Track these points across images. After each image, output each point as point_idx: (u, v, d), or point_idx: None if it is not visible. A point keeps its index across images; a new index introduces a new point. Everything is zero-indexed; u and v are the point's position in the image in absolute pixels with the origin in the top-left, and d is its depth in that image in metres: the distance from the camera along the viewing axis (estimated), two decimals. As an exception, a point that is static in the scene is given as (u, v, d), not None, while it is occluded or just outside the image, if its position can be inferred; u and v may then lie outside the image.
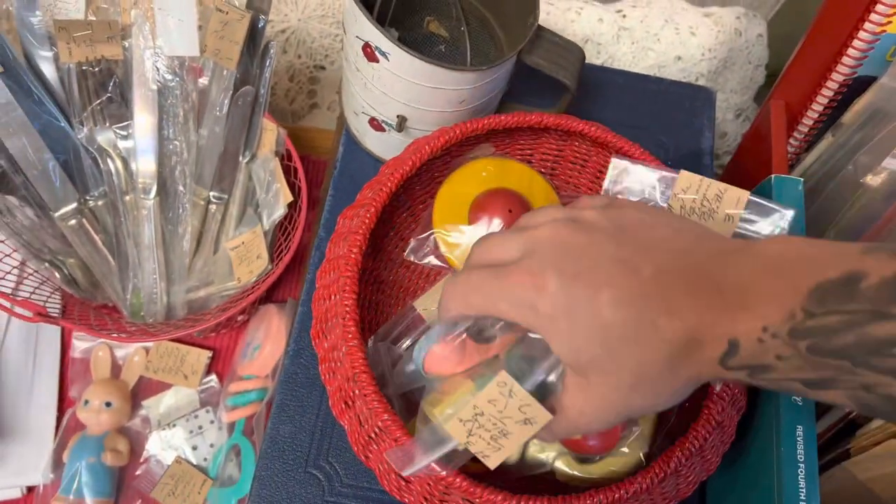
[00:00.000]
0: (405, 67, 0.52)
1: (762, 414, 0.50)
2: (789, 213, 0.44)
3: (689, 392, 0.36)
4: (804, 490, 0.47)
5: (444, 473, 0.42)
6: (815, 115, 0.62)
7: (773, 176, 0.55)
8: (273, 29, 0.85)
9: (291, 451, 0.56)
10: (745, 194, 0.44)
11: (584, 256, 0.34)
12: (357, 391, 0.47)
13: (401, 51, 0.50)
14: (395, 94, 0.55)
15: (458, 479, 0.44)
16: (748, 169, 0.67)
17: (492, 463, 0.39)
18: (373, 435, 0.48)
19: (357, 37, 0.53)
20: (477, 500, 0.44)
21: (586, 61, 0.57)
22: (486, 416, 0.38)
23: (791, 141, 0.65)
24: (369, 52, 0.53)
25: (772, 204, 0.44)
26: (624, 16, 0.86)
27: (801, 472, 0.47)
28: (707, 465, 0.49)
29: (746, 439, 0.52)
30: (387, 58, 0.52)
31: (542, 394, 0.38)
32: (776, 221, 0.44)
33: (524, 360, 0.39)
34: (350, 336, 0.47)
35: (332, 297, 0.49)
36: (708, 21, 0.85)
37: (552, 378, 0.38)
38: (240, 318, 0.71)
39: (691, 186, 0.46)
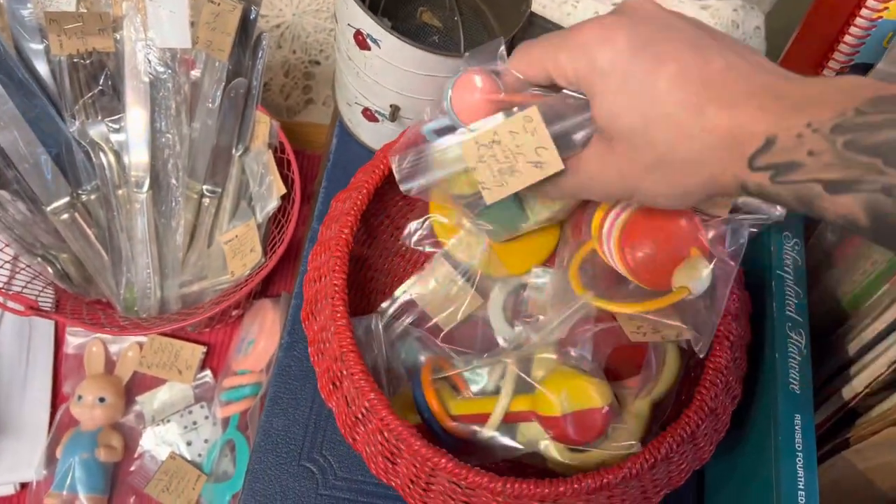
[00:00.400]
0: (397, 54, 0.51)
1: (760, 403, 0.50)
2: None
3: (699, 199, 0.35)
4: (803, 479, 0.46)
5: None
6: (812, 104, 0.62)
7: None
8: (268, 24, 0.84)
9: (285, 445, 0.56)
10: None
11: (663, 28, 0.34)
12: (345, 371, 0.46)
13: (392, 37, 0.50)
14: (388, 83, 0.55)
15: (443, 461, 0.43)
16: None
17: (490, 197, 0.38)
18: (360, 415, 0.47)
19: (349, 25, 0.52)
20: (463, 482, 0.44)
21: None
22: (501, 146, 0.37)
23: (789, 130, 0.65)
24: (361, 40, 0.52)
25: None
26: (620, 9, 0.85)
27: (800, 461, 0.47)
28: (700, 453, 0.49)
29: (744, 429, 0.51)
30: (378, 45, 0.51)
31: (562, 147, 0.37)
32: None
33: (555, 110, 0.37)
34: (338, 315, 0.46)
35: (323, 278, 0.49)
36: (705, 14, 0.85)
37: (577, 136, 0.37)
38: (234, 312, 0.70)
39: None
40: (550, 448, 0.48)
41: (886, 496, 0.52)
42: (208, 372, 0.71)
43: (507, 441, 0.49)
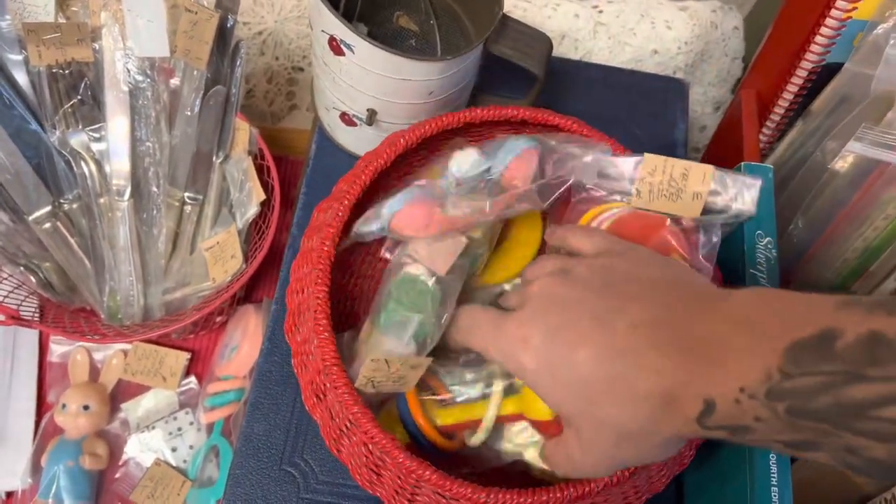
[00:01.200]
0: (370, 59, 0.52)
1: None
2: (757, 183, 0.44)
3: (676, 449, 0.37)
4: (776, 476, 0.47)
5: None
6: (786, 104, 0.63)
7: (742, 163, 0.55)
8: (250, 31, 0.85)
9: (266, 449, 0.56)
10: (709, 169, 0.44)
11: (567, 311, 0.36)
12: (328, 384, 0.46)
13: (365, 42, 0.50)
14: (364, 88, 0.55)
15: (427, 472, 0.43)
16: (722, 158, 0.67)
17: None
18: (344, 428, 0.48)
19: (322, 31, 0.53)
20: (447, 494, 0.44)
21: (564, 56, 0.57)
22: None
23: (764, 130, 0.66)
24: (335, 46, 0.53)
25: (738, 175, 0.44)
26: (600, 11, 0.86)
27: (773, 458, 0.47)
28: (680, 458, 0.49)
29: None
30: (352, 50, 0.52)
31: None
32: (743, 193, 0.44)
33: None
34: (321, 328, 0.46)
35: (305, 289, 0.49)
36: (684, 15, 0.85)
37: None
38: (218, 319, 0.71)
39: (657, 168, 0.46)
40: (536, 457, 0.48)
41: (862, 489, 0.52)
42: (193, 378, 0.71)
43: (495, 450, 0.50)
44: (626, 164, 0.47)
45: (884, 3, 0.49)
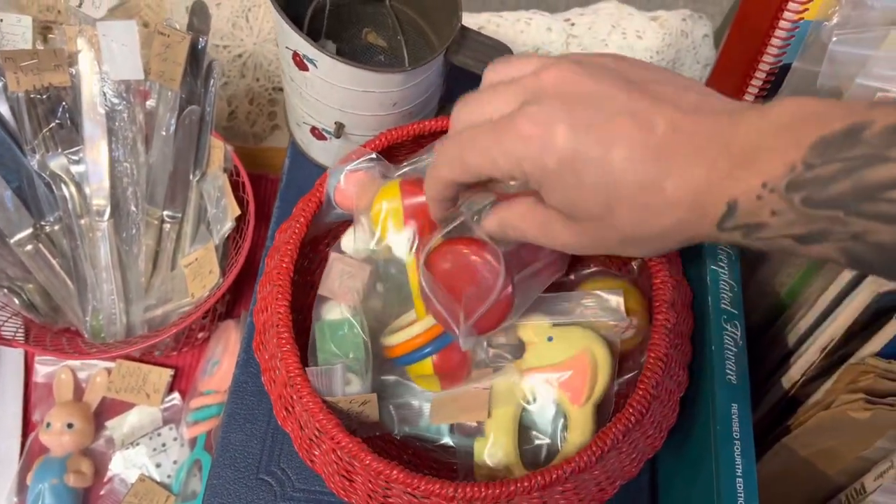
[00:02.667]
0: (333, 73, 0.53)
1: (702, 395, 0.51)
2: None
3: (674, 249, 0.37)
4: (740, 467, 0.47)
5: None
6: (749, 105, 0.64)
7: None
8: (230, 54, 0.87)
9: (243, 459, 0.57)
10: None
11: (595, 106, 0.33)
12: (294, 396, 0.48)
13: (326, 57, 0.52)
14: (330, 101, 0.57)
15: (395, 472, 0.44)
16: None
17: None
18: (314, 437, 0.49)
19: (287, 47, 0.54)
20: (417, 493, 0.45)
21: None
22: None
23: (729, 131, 0.67)
24: (299, 61, 0.54)
25: None
26: (572, 24, 0.88)
27: (738, 449, 0.48)
28: (650, 440, 0.50)
29: (691, 420, 0.53)
30: (315, 65, 0.53)
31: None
32: None
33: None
34: (283, 342, 0.48)
35: (269, 308, 0.51)
36: (654, 24, 0.87)
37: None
38: (200, 335, 0.72)
39: None
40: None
41: (833, 481, 0.53)
42: (177, 394, 0.72)
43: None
44: None
45: (827, 2, 0.50)
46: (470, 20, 0.85)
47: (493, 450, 0.49)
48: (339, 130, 0.59)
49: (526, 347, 0.51)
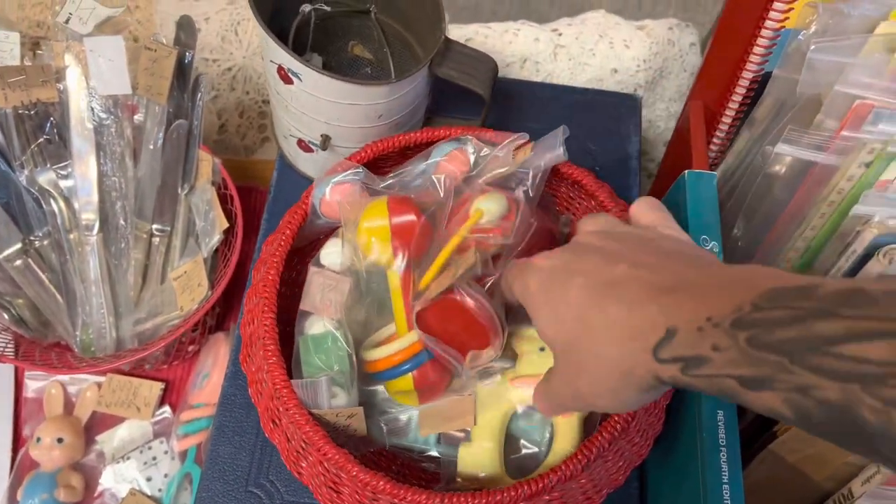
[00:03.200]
0: (317, 86, 0.54)
1: (687, 401, 0.51)
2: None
3: (635, 401, 0.36)
4: (727, 474, 0.47)
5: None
6: (733, 113, 0.64)
7: (686, 171, 0.56)
8: (220, 68, 0.87)
9: (232, 472, 0.57)
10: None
11: (584, 253, 0.39)
12: (281, 408, 0.48)
13: (310, 70, 0.52)
14: (315, 114, 0.57)
15: (381, 483, 0.44)
16: (673, 169, 0.69)
17: None
18: (301, 449, 0.49)
19: (271, 61, 0.55)
20: (403, 503, 0.45)
21: (527, 80, 0.59)
22: None
23: (714, 140, 0.67)
24: (283, 75, 0.55)
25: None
26: (560, 34, 0.88)
27: (724, 456, 0.48)
28: (636, 449, 0.50)
29: (677, 428, 0.53)
30: (299, 78, 0.54)
31: None
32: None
33: None
34: (270, 354, 0.48)
35: (255, 320, 0.51)
36: (641, 34, 0.88)
37: None
38: (190, 348, 0.72)
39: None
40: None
41: (821, 487, 0.53)
42: (167, 408, 0.72)
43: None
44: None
45: (803, 10, 0.51)
46: (458, 32, 0.86)
47: (478, 455, 0.49)
48: (326, 142, 0.59)
49: (518, 357, 0.51)
